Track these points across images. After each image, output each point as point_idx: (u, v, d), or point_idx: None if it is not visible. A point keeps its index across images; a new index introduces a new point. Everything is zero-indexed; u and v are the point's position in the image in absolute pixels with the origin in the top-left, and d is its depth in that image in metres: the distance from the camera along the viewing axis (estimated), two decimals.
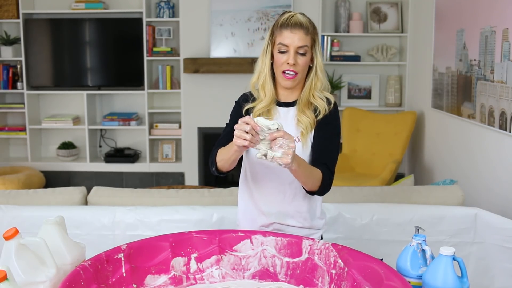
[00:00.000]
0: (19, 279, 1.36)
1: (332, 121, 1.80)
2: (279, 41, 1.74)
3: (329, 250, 1.65)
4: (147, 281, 1.63)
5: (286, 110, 1.82)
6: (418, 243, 1.54)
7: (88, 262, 1.51)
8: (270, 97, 1.80)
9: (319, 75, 1.79)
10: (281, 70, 1.75)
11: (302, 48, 1.73)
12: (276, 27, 1.77)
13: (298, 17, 1.75)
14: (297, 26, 1.73)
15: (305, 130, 1.77)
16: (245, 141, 1.54)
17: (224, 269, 1.73)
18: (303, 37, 1.73)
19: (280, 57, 1.74)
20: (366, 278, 1.52)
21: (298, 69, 1.74)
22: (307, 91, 1.79)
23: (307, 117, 1.78)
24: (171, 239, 1.71)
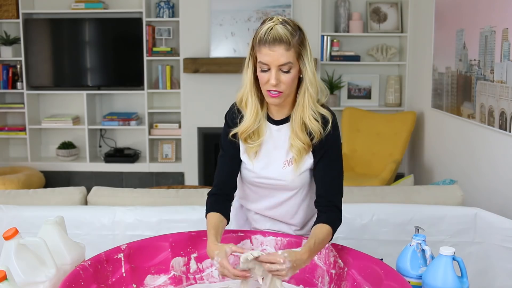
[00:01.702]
0: (19, 279, 1.36)
1: (332, 145, 1.65)
2: (259, 59, 1.56)
3: (329, 250, 1.65)
4: (147, 281, 1.63)
5: (277, 128, 1.68)
6: (418, 243, 1.54)
7: (88, 262, 1.51)
8: (253, 115, 1.64)
9: (309, 89, 1.60)
10: (265, 89, 1.58)
11: (285, 66, 1.54)
12: (255, 41, 1.57)
13: (277, 30, 1.52)
14: (276, 41, 1.51)
15: (298, 156, 1.64)
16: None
17: None
18: (284, 54, 1.52)
19: (262, 76, 1.57)
20: (366, 278, 1.52)
21: (282, 88, 1.56)
22: (300, 108, 1.62)
23: (301, 141, 1.63)
24: (171, 239, 1.71)
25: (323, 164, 1.65)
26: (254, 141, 1.67)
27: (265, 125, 1.68)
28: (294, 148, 1.64)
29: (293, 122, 1.64)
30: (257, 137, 1.67)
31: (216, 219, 1.64)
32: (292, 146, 1.65)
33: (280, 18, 1.56)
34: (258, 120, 1.65)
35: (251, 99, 1.64)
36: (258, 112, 1.65)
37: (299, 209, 1.77)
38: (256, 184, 1.74)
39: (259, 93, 1.65)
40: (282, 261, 1.40)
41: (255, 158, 1.70)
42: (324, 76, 5.14)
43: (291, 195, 1.73)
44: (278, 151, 1.69)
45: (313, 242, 1.51)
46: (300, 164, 1.66)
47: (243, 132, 1.66)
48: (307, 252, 1.47)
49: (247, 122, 1.65)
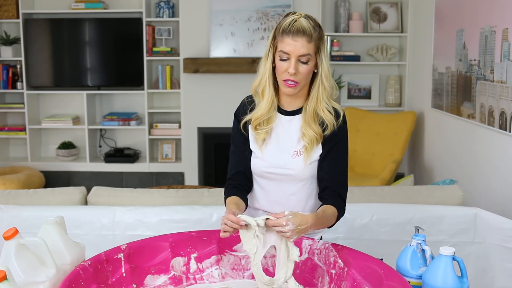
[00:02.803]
0: (19, 279, 1.36)
1: (342, 138, 1.72)
2: (280, 48, 1.63)
3: (329, 250, 1.65)
4: (147, 281, 1.63)
5: (289, 119, 1.74)
6: (418, 243, 1.54)
7: (88, 262, 1.51)
8: (269, 104, 1.71)
9: (324, 83, 1.68)
10: (282, 78, 1.65)
11: (304, 57, 1.62)
12: (278, 31, 1.65)
13: (301, 23, 1.62)
14: (300, 33, 1.61)
15: (310, 145, 1.69)
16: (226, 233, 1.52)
17: (224, 269, 1.73)
18: (306, 45, 1.61)
19: (281, 65, 1.64)
20: (366, 278, 1.52)
21: (299, 78, 1.64)
22: (314, 100, 1.69)
23: (313, 131, 1.68)
24: (171, 239, 1.71)
25: (332, 157, 1.70)
26: (263, 128, 1.72)
27: (275, 115, 1.73)
28: (306, 137, 1.69)
29: (306, 113, 1.70)
30: (265, 124, 1.72)
31: (235, 199, 1.70)
32: (304, 135, 1.69)
33: (303, 14, 1.66)
34: (272, 109, 1.71)
35: (268, 88, 1.70)
36: (273, 101, 1.71)
37: (307, 204, 1.78)
38: (264, 176, 1.76)
39: (275, 83, 1.71)
40: (285, 223, 1.46)
41: (263, 145, 1.74)
42: None
43: (299, 187, 1.75)
44: (288, 141, 1.72)
45: (321, 212, 1.60)
46: (311, 154, 1.70)
47: (257, 119, 1.71)
48: (313, 218, 1.54)
49: (262, 110, 1.70)
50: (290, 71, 1.61)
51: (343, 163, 1.72)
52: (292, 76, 1.62)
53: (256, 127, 1.73)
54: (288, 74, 1.62)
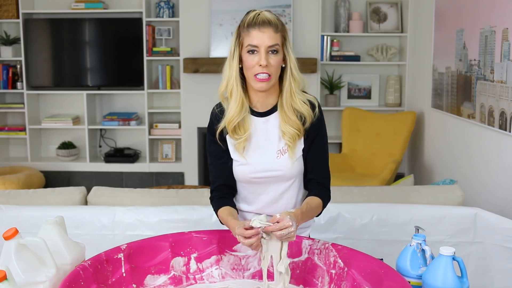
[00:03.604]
0: (19, 279, 1.36)
1: (322, 128, 1.72)
2: (248, 42, 1.60)
3: (329, 250, 1.65)
4: (147, 281, 1.63)
5: (264, 120, 1.69)
6: (418, 243, 1.54)
7: (88, 262, 1.51)
8: (239, 104, 1.65)
9: (295, 75, 1.65)
10: (253, 73, 1.61)
11: (273, 47, 1.60)
12: (242, 27, 1.64)
13: (265, 15, 1.62)
14: (266, 24, 1.60)
15: (292, 143, 1.66)
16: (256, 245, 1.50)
17: (224, 269, 1.73)
18: (273, 35, 1.60)
19: (250, 59, 1.60)
20: (366, 278, 1.52)
21: (271, 70, 1.60)
22: (288, 95, 1.65)
23: (293, 128, 1.65)
24: (171, 239, 1.71)
25: (315, 150, 1.71)
26: (241, 136, 1.68)
27: (249, 119, 1.69)
28: (286, 135, 1.66)
29: (283, 109, 1.67)
30: (243, 131, 1.68)
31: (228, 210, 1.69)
32: (284, 133, 1.67)
33: (265, 10, 1.65)
34: (243, 110, 1.66)
35: (236, 89, 1.66)
36: (243, 102, 1.66)
37: (298, 199, 1.78)
38: (252, 181, 1.74)
39: (244, 84, 1.67)
40: (291, 223, 1.46)
41: (244, 152, 1.70)
42: (324, 76, 5.14)
43: (287, 186, 1.74)
44: (269, 142, 1.70)
45: (305, 207, 1.62)
46: (295, 150, 1.68)
47: (230, 122, 1.66)
48: (299, 214, 1.55)
49: (232, 112, 1.66)
50: (262, 62, 1.58)
51: (325, 154, 1.74)
52: (264, 69, 1.59)
53: (233, 133, 1.68)
54: (260, 67, 1.59)
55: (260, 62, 1.58)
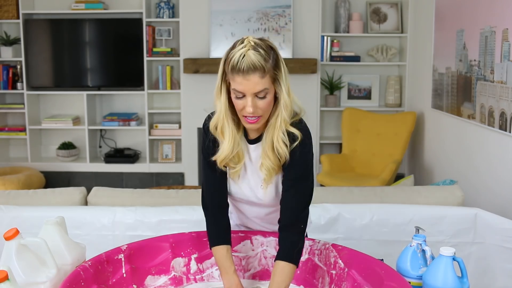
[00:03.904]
0: (20, 279, 1.36)
1: (299, 163, 1.58)
2: (233, 86, 1.49)
3: (329, 251, 1.65)
4: (147, 281, 1.63)
5: (253, 148, 1.63)
6: (418, 244, 1.55)
7: (88, 263, 1.51)
8: (231, 144, 1.58)
9: (283, 113, 1.54)
10: (242, 114, 1.53)
11: (261, 93, 1.48)
12: (227, 67, 1.51)
13: (250, 58, 1.46)
14: (251, 70, 1.46)
15: (268, 176, 1.60)
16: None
17: None
18: (260, 81, 1.47)
19: (238, 103, 1.51)
20: (366, 279, 1.52)
21: (260, 113, 1.51)
22: (271, 130, 1.56)
23: (271, 162, 1.58)
24: (171, 240, 1.71)
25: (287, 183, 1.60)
26: (236, 165, 1.63)
27: (243, 145, 1.63)
28: (264, 168, 1.60)
29: (264, 142, 1.59)
30: (237, 160, 1.62)
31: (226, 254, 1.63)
32: (262, 165, 1.60)
33: (252, 41, 1.51)
34: (236, 146, 1.60)
35: (227, 126, 1.58)
36: (235, 138, 1.59)
37: None
38: (238, 200, 1.74)
39: (234, 116, 1.59)
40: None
41: (239, 180, 1.67)
42: (324, 76, 5.14)
43: (273, 208, 1.71)
44: (255, 170, 1.65)
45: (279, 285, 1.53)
46: (271, 185, 1.63)
47: (222, 161, 1.61)
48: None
49: (226, 152, 1.59)
50: (248, 110, 1.49)
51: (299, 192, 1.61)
52: (252, 113, 1.50)
53: (230, 165, 1.63)
54: (247, 112, 1.50)
55: (246, 108, 1.49)
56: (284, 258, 1.55)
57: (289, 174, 1.59)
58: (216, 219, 1.68)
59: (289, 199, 1.60)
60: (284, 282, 1.53)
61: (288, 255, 1.55)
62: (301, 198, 1.61)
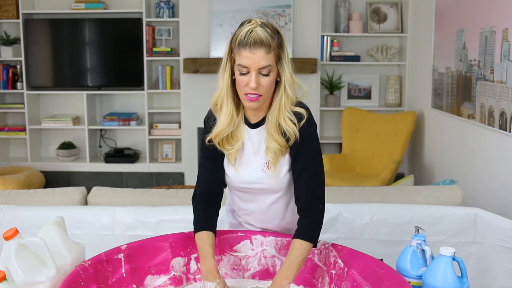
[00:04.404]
0: (19, 279, 1.36)
1: (308, 141, 1.60)
2: (238, 61, 1.52)
3: (329, 250, 1.65)
4: (147, 281, 1.63)
5: (256, 132, 1.64)
6: (418, 243, 1.55)
7: (88, 263, 1.51)
8: (228, 119, 1.60)
9: (288, 91, 1.57)
10: (244, 92, 1.55)
11: (265, 69, 1.51)
12: (234, 43, 1.55)
13: (257, 33, 1.50)
14: (257, 44, 1.49)
15: (274, 158, 1.61)
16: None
17: (224, 269, 1.73)
18: (265, 57, 1.50)
19: (241, 79, 1.53)
20: (366, 279, 1.52)
21: (261, 91, 1.53)
22: (276, 111, 1.59)
23: (277, 143, 1.59)
24: (171, 240, 1.71)
25: (300, 164, 1.62)
26: (233, 146, 1.64)
27: (243, 128, 1.65)
28: (269, 150, 1.61)
29: (269, 124, 1.61)
30: (235, 141, 1.64)
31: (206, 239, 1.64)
32: (268, 148, 1.61)
33: (259, 21, 1.54)
34: (232, 125, 1.61)
35: (226, 103, 1.60)
36: (233, 116, 1.61)
37: (287, 211, 1.75)
38: (240, 189, 1.72)
39: (235, 96, 1.61)
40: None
41: (236, 163, 1.67)
42: (324, 76, 5.14)
43: (276, 197, 1.71)
44: (258, 153, 1.66)
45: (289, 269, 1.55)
46: (278, 167, 1.63)
47: (217, 136, 1.62)
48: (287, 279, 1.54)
49: (220, 126, 1.61)
50: (252, 85, 1.51)
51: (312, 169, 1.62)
52: (254, 90, 1.52)
53: (224, 144, 1.64)
54: (250, 88, 1.52)
55: (250, 84, 1.51)
56: (304, 236, 1.57)
57: (301, 155, 1.61)
58: (202, 206, 1.69)
59: (306, 179, 1.61)
60: (301, 256, 1.56)
61: (308, 234, 1.58)
62: (317, 177, 1.63)
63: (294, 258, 1.55)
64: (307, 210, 1.61)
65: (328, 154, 4.69)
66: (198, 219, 1.69)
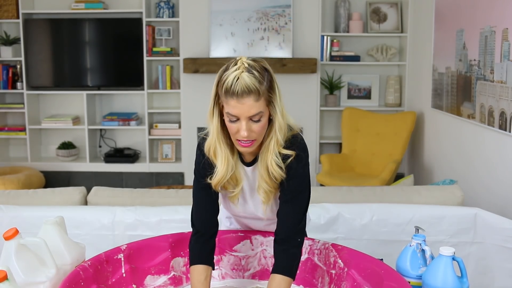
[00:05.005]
0: (19, 279, 1.36)
1: (295, 178, 1.56)
2: (227, 110, 1.45)
3: (329, 250, 1.65)
4: (147, 281, 1.63)
5: (251, 169, 1.61)
6: (418, 243, 1.55)
7: (88, 263, 1.51)
8: (224, 167, 1.55)
9: (278, 135, 1.50)
10: (236, 138, 1.49)
11: (255, 116, 1.44)
12: (220, 89, 1.46)
13: (245, 81, 1.40)
14: (245, 93, 1.41)
15: (266, 198, 1.59)
16: None
17: (224, 269, 1.74)
18: (254, 105, 1.42)
19: (231, 126, 1.47)
20: (366, 279, 1.52)
21: (254, 136, 1.47)
22: (265, 152, 1.53)
23: (267, 185, 1.57)
24: (170, 240, 1.71)
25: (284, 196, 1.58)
26: (234, 188, 1.61)
27: (240, 168, 1.60)
28: (261, 190, 1.59)
29: (259, 165, 1.57)
30: (235, 183, 1.60)
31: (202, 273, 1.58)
32: (259, 188, 1.59)
33: (245, 62, 1.44)
34: (230, 169, 1.56)
35: (220, 149, 1.55)
36: (229, 161, 1.56)
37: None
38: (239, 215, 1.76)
39: (227, 140, 1.56)
40: None
41: (238, 203, 1.66)
42: (324, 76, 5.14)
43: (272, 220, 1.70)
44: (254, 192, 1.64)
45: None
46: (271, 203, 1.62)
47: (217, 185, 1.59)
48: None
49: (220, 174, 1.56)
50: (243, 134, 1.45)
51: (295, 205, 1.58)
52: (246, 137, 1.46)
53: (226, 188, 1.61)
54: (241, 136, 1.46)
55: (240, 132, 1.46)
56: (282, 271, 1.52)
57: (286, 188, 1.56)
58: (201, 240, 1.63)
59: (287, 212, 1.57)
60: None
61: (286, 269, 1.53)
62: (298, 211, 1.58)
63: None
64: (284, 243, 1.56)
65: (328, 154, 4.69)
66: (197, 251, 1.62)
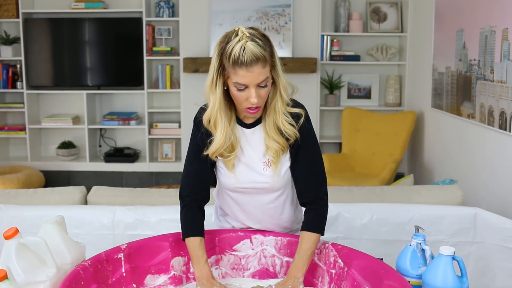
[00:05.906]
0: (19, 278, 1.36)
1: (309, 139, 1.63)
2: (235, 80, 1.50)
3: (329, 250, 1.65)
4: (147, 281, 1.63)
5: (251, 131, 1.64)
6: (418, 243, 1.55)
7: (88, 262, 1.51)
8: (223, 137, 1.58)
9: (283, 95, 1.57)
10: (244, 106, 1.55)
11: (263, 82, 1.51)
12: (226, 60, 1.50)
13: (251, 49, 1.46)
14: (253, 62, 1.47)
15: (276, 158, 1.62)
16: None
17: (224, 269, 1.74)
18: (262, 71, 1.49)
19: (239, 95, 1.52)
20: (366, 278, 1.52)
21: (260, 103, 1.54)
22: (272, 113, 1.59)
23: (277, 143, 1.60)
24: (170, 239, 1.71)
25: (302, 160, 1.65)
26: (230, 154, 1.63)
27: (237, 130, 1.64)
28: (270, 150, 1.62)
29: (267, 126, 1.61)
30: (231, 149, 1.62)
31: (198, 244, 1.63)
32: (268, 148, 1.62)
33: (246, 32, 1.49)
34: (228, 139, 1.60)
35: (220, 120, 1.58)
36: (227, 131, 1.59)
37: (284, 211, 1.75)
38: (238, 190, 1.70)
39: (227, 110, 1.60)
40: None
41: (234, 168, 1.66)
42: (324, 76, 5.14)
43: (275, 196, 1.70)
44: (256, 154, 1.65)
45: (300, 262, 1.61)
46: (279, 165, 1.64)
47: (214, 153, 1.62)
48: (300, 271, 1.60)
49: (218, 143, 1.59)
50: (253, 101, 1.51)
51: (314, 163, 1.66)
52: (256, 104, 1.52)
53: (224, 155, 1.63)
54: (250, 103, 1.52)
55: (250, 99, 1.51)
56: (312, 228, 1.63)
57: (304, 152, 1.64)
58: (192, 210, 1.68)
59: (309, 176, 1.66)
60: (310, 249, 1.61)
61: (316, 226, 1.64)
62: (320, 173, 1.68)
63: (304, 252, 1.61)
64: (313, 203, 1.67)
65: (328, 154, 4.69)
66: (189, 224, 1.67)
